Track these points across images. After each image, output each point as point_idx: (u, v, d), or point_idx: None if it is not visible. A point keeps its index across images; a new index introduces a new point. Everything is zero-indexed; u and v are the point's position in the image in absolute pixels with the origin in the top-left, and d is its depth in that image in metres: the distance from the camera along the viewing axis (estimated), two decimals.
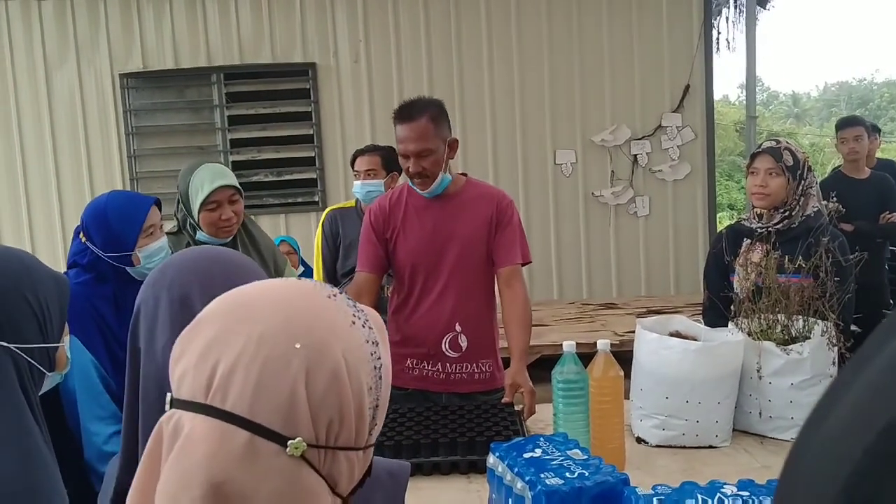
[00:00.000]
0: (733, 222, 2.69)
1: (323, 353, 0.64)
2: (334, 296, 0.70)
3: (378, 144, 3.58)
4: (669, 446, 1.98)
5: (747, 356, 2.03)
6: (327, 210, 3.55)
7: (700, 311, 2.61)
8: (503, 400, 2.22)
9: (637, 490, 1.33)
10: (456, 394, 2.41)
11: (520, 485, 1.36)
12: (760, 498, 1.29)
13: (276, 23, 5.62)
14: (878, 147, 5.19)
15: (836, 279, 2.07)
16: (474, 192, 2.44)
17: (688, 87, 5.73)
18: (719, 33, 6.78)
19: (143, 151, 5.68)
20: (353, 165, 3.41)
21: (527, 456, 1.44)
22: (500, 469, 1.45)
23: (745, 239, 2.44)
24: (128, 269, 1.98)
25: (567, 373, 1.82)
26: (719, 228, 4.31)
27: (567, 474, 1.34)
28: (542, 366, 3.81)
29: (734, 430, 2.04)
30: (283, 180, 5.77)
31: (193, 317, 0.70)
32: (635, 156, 5.79)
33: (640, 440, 2.04)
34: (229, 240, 2.39)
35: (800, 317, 2.05)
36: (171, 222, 2.42)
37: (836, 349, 2.03)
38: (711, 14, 5.96)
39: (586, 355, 1.85)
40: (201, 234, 2.36)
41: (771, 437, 2.02)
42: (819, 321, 2.04)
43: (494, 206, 2.40)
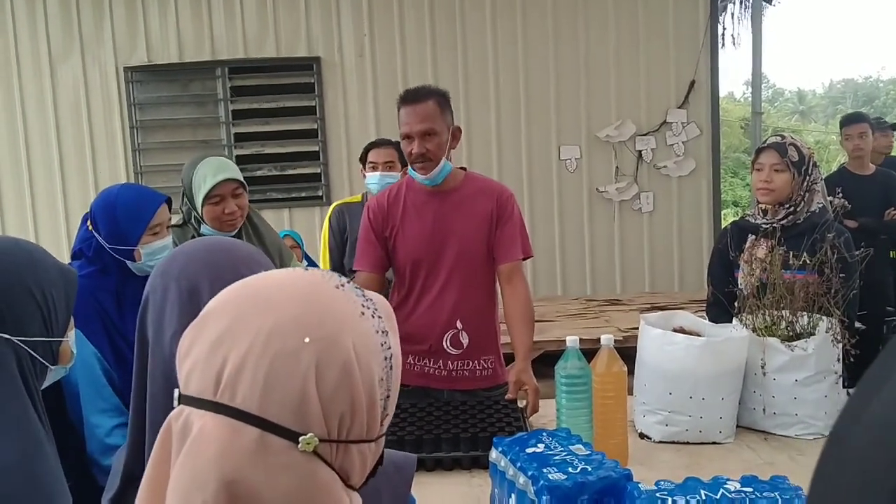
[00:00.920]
0: (738, 218, 2.68)
1: (333, 346, 0.63)
2: (342, 286, 0.69)
3: (390, 139, 3.53)
4: (673, 442, 1.98)
5: (751, 352, 2.03)
6: (334, 205, 3.52)
7: (704, 308, 2.60)
8: (507, 397, 2.22)
9: (640, 485, 1.32)
10: (458, 391, 2.40)
11: (522, 480, 1.36)
12: (763, 494, 1.29)
13: (281, 17, 5.61)
14: (890, 145, 5.16)
15: (841, 276, 2.06)
16: (474, 186, 2.43)
17: (693, 82, 5.71)
18: (725, 29, 6.77)
19: (148, 145, 5.68)
20: (366, 158, 3.36)
21: (529, 451, 1.43)
22: (503, 464, 1.45)
23: (750, 235, 2.43)
24: (128, 263, 1.97)
25: (570, 368, 1.81)
26: (724, 225, 4.31)
27: (570, 469, 1.34)
28: (545, 361, 3.81)
29: (738, 426, 2.04)
30: (286, 175, 5.76)
31: (201, 307, 0.69)
32: (640, 152, 5.77)
33: (643, 436, 2.04)
34: (234, 233, 2.39)
35: (804, 313, 2.05)
36: (177, 216, 2.42)
37: (840, 346, 2.02)
38: (717, 10, 5.93)
39: (590, 351, 1.85)
40: (206, 228, 2.35)
41: (775, 434, 2.02)
42: (824, 317, 2.03)
43: (495, 201, 2.38)
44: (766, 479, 1.35)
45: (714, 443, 1.97)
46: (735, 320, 2.16)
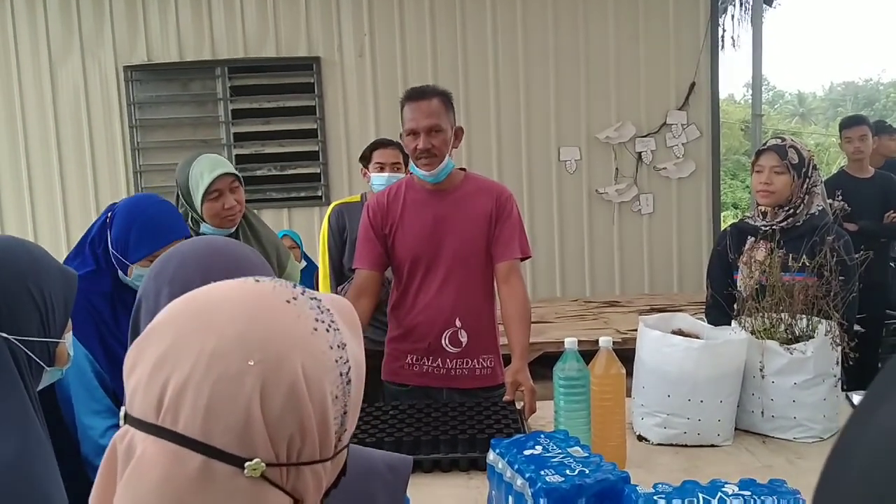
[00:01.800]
0: (737, 220, 2.68)
1: (279, 368, 0.60)
2: (294, 299, 0.65)
3: (392, 140, 3.50)
4: (671, 445, 1.98)
5: (750, 355, 2.02)
6: (333, 205, 3.50)
7: (704, 310, 2.60)
8: (504, 398, 2.21)
9: (637, 488, 1.32)
10: (457, 390, 2.40)
11: (520, 482, 1.36)
12: (762, 497, 1.28)
13: (281, 16, 5.61)
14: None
15: (840, 278, 2.06)
16: (473, 185, 2.44)
17: (693, 84, 5.71)
18: (725, 31, 6.76)
19: (147, 144, 5.68)
20: (370, 158, 3.32)
21: (527, 453, 1.43)
22: (501, 466, 1.45)
23: (750, 237, 2.43)
24: (119, 271, 1.96)
25: (569, 370, 1.81)
26: (723, 227, 4.30)
27: (567, 472, 1.34)
28: (543, 363, 3.80)
29: (736, 429, 2.03)
30: (286, 174, 5.75)
31: None
32: (640, 153, 5.77)
33: (641, 438, 2.03)
34: (232, 231, 2.39)
35: (803, 316, 2.04)
36: None
37: (839, 349, 2.02)
38: (717, 11, 5.93)
39: (589, 353, 1.85)
40: (205, 227, 2.35)
41: (773, 437, 2.01)
42: (823, 320, 2.02)
43: (494, 200, 2.39)
44: (764, 482, 1.34)
45: (712, 445, 1.97)
46: (734, 322, 2.16)
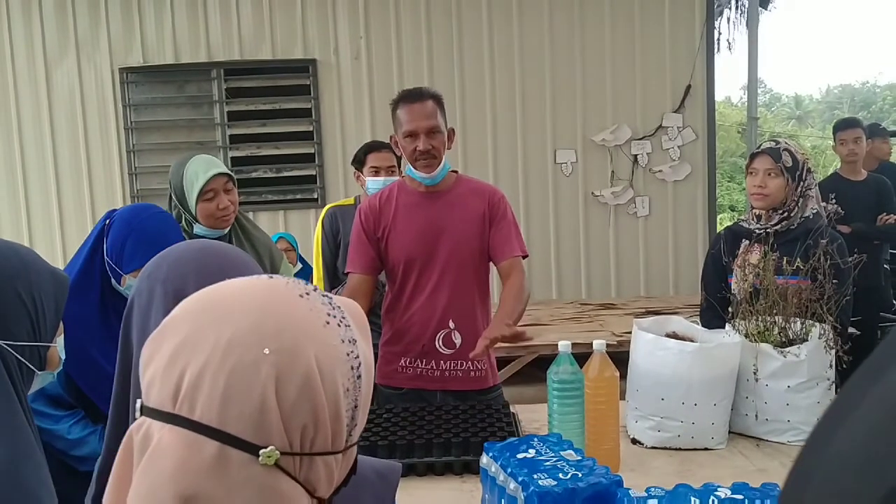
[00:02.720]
0: (732, 223, 2.68)
1: (294, 357, 0.62)
2: (307, 294, 0.67)
3: (383, 142, 3.50)
4: (665, 448, 1.98)
5: (744, 358, 2.02)
6: (327, 208, 3.50)
7: (699, 313, 2.60)
8: (471, 355, 2.11)
9: (630, 492, 1.32)
10: (451, 392, 2.40)
11: (512, 485, 1.36)
12: (755, 501, 1.28)
13: (277, 19, 5.61)
14: (889, 151, 5.18)
15: (834, 281, 2.06)
16: (465, 187, 2.44)
17: (689, 87, 5.72)
18: (721, 34, 6.78)
19: (143, 146, 5.67)
20: (364, 161, 3.31)
21: (520, 456, 1.43)
22: (494, 469, 1.45)
23: (744, 240, 2.43)
24: (112, 279, 1.94)
25: (562, 373, 1.81)
26: (719, 230, 4.31)
27: (560, 475, 1.33)
28: (538, 365, 3.80)
29: (730, 432, 2.03)
30: (282, 177, 5.75)
31: None
32: (636, 156, 5.78)
33: (635, 441, 2.03)
34: (224, 234, 2.39)
35: (797, 319, 2.04)
36: None
37: (833, 352, 2.02)
38: (713, 14, 5.94)
39: (584, 355, 1.84)
40: (199, 228, 2.35)
41: (767, 440, 2.01)
42: (817, 323, 2.02)
43: (486, 202, 2.39)
44: (757, 485, 1.34)
45: (706, 449, 1.97)
46: (728, 326, 2.16)
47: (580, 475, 1.34)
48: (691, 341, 2.02)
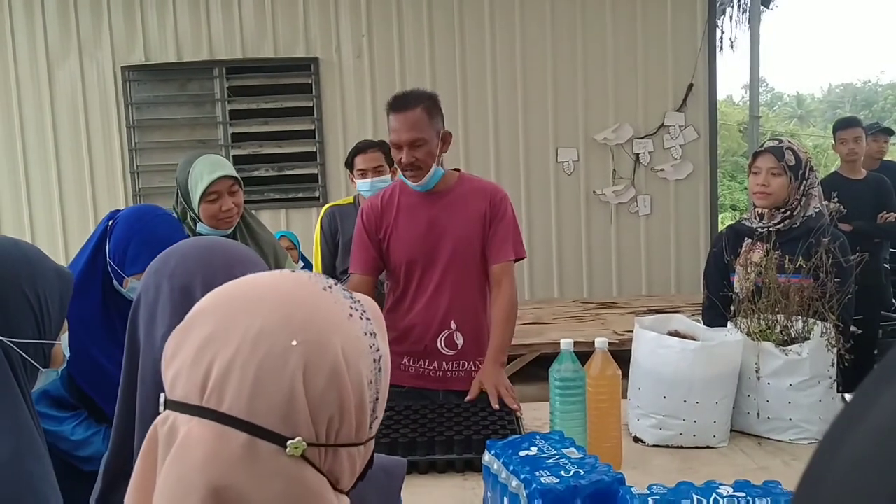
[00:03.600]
0: (734, 222, 2.68)
1: (321, 348, 0.62)
2: (330, 288, 0.68)
3: (373, 140, 3.52)
4: (666, 446, 1.98)
5: (746, 356, 2.02)
6: (326, 207, 3.52)
7: (701, 311, 2.60)
8: (466, 399, 2.20)
9: (632, 489, 1.32)
10: (453, 392, 2.40)
11: (514, 483, 1.36)
12: (756, 499, 1.28)
13: (279, 17, 5.61)
14: (887, 149, 5.18)
15: (836, 280, 2.06)
16: (467, 187, 2.42)
17: (691, 86, 5.71)
18: (723, 33, 6.76)
19: (145, 145, 5.67)
20: (353, 164, 3.33)
21: (522, 454, 1.43)
22: (496, 467, 1.45)
23: (746, 239, 2.43)
24: (114, 280, 1.94)
25: (564, 371, 1.81)
26: (720, 229, 4.31)
27: (562, 473, 1.34)
28: (540, 364, 3.80)
29: (732, 430, 2.03)
30: (284, 175, 5.75)
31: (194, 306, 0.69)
32: (637, 155, 5.77)
33: (637, 439, 2.03)
34: (229, 232, 2.39)
35: (799, 317, 2.04)
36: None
37: (835, 350, 2.02)
38: (715, 13, 5.94)
39: (586, 354, 1.85)
40: (202, 227, 2.35)
41: (768, 438, 2.02)
42: (819, 322, 2.03)
43: (488, 201, 2.38)
44: (759, 483, 1.34)
45: (708, 447, 1.97)
46: (730, 324, 2.16)
47: (582, 473, 1.34)
48: (693, 340, 2.02)
